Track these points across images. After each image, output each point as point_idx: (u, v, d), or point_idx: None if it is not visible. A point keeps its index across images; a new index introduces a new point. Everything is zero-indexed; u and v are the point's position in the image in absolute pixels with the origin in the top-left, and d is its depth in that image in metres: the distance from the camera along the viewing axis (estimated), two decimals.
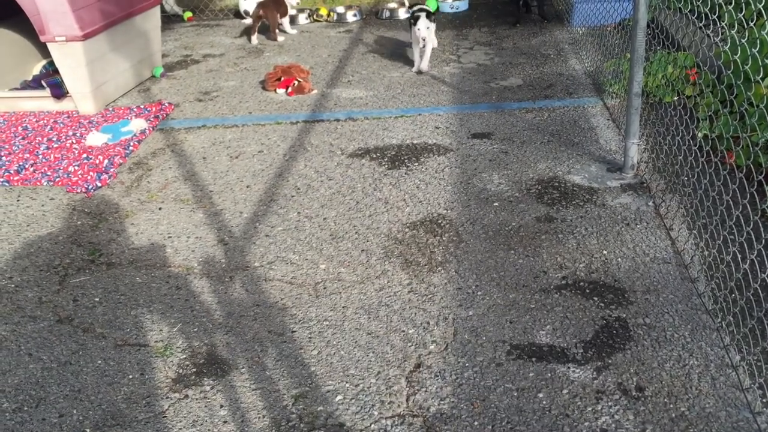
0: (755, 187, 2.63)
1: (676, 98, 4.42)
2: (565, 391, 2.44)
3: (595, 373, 2.51)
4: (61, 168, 4.20)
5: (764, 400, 2.32)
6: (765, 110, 3.16)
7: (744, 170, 2.90)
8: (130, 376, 2.64)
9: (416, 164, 4.11)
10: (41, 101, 5.14)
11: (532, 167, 3.99)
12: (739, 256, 2.74)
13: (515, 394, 2.45)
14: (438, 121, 4.70)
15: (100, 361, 2.72)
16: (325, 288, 3.07)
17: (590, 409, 2.36)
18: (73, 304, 3.06)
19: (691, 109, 4.15)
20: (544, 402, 2.40)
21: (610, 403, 2.38)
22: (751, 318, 2.52)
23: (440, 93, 5.23)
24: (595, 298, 2.89)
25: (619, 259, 3.12)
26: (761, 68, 2.88)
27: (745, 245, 2.67)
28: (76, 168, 4.19)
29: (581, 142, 4.27)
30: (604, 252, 3.18)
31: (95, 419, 2.45)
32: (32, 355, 2.77)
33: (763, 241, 2.47)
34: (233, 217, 3.67)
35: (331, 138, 4.53)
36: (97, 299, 3.08)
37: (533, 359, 2.59)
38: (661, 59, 4.61)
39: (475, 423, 2.34)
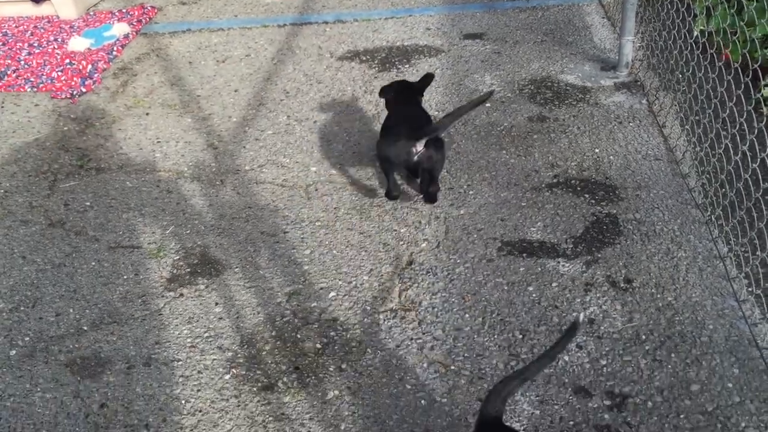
0: (749, 77, 2.59)
1: None
2: (554, 284, 2.48)
3: (584, 266, 2.54)
4: (44, 74, 4.10)
5: (750, 289, 2.36)
6: (765, 2, 3.08)
7: (740, 61, 2.85)
8: (125, 277, 2.66)
9: (407, 66, 4.03)
10: (20, 6, 4.95)
11: (524, 67, 3.92)
12: (731, 147, 2.73)
13: (506, 288, 2.48)
14: (429, 22, 4.58)
15: (94, 263, 2.74)
16: (316, 190, 3.07)
17: (579, 300, 2.40)
18: (64, 208, 3.05)
19: (688, 3, 4.03)
20: (534, 295, 2.45)
21: (598, 295, 2.42)
22: (740, 209, 2.53)
23: None
24: (586, 195, 2.90)
25: (611, 157, 3.11)
26: None
27: (737, 137, 2.65)
28: (60, 74, 4.09)
29: (575, 41, 4.18)
30: (596, 150, 3.17)
31: (92, 317, 2.48)
32: (26, 257, 2.78)
33: (756, 130, 2.45)
34: (222, 122, 3.62)
35: (320, 41, 4.42)
36: (88, 203, 3.07)
37: (524, 255, 2.62)
38: None
39: (466, 316, 2.39)
